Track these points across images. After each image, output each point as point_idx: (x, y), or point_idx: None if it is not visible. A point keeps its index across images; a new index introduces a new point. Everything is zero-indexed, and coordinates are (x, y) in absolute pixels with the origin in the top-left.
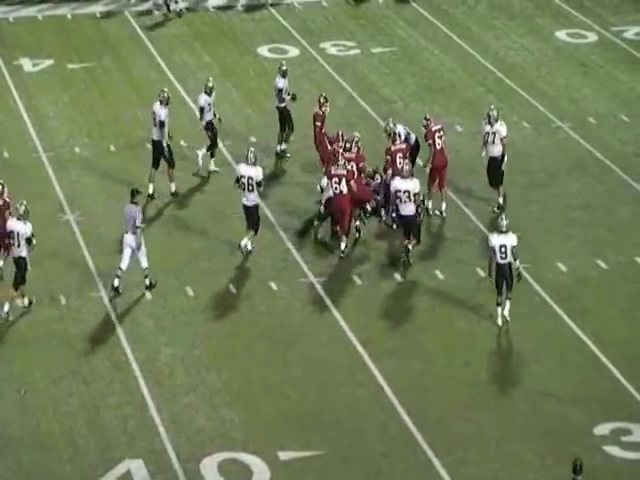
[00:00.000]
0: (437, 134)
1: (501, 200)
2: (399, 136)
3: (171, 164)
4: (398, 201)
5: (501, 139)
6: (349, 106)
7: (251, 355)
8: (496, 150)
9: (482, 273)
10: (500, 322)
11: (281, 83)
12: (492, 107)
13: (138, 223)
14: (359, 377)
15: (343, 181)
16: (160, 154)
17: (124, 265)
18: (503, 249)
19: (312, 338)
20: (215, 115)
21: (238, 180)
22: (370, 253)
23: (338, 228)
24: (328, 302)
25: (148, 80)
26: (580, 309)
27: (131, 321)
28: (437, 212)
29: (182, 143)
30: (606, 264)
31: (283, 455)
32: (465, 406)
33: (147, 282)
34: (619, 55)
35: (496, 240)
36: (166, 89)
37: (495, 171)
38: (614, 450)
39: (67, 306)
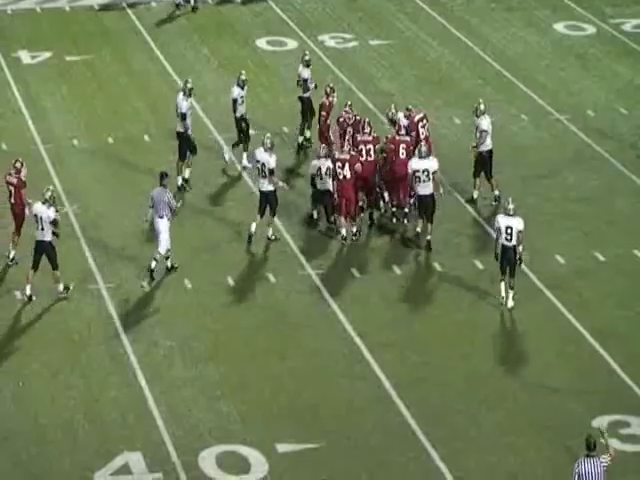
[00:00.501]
0: (420, 123)
1: (497, 192)
2: (401, 124)
3: (183, 156)
4: (417, 181)
5: (481, 132)
6: (347, 98)
7: (249, 348)
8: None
9: (481, 265)
10: (510, 304)
11: (306, 73)
12: (480, 100)
13: (173, 206)
14: (357, 369)
15: (347, 166)
16: (185, 145)
17: (162, 249)
18: (509, 230)
19: (310, 330)
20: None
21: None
22: (368, 245)
23: (336, 216)
24: (326, 294)
25: (147, 73)
26: (578, 301)
27: (129, 314)
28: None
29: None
30: (604, 256)
31: (281, 448)
32: (464, 398)
33: (169, 264)
34: (617, 48)
35: (502, 221)
36: (190, 80)
37: (483, 164)
38: (613, 443)
39: (65, 298)
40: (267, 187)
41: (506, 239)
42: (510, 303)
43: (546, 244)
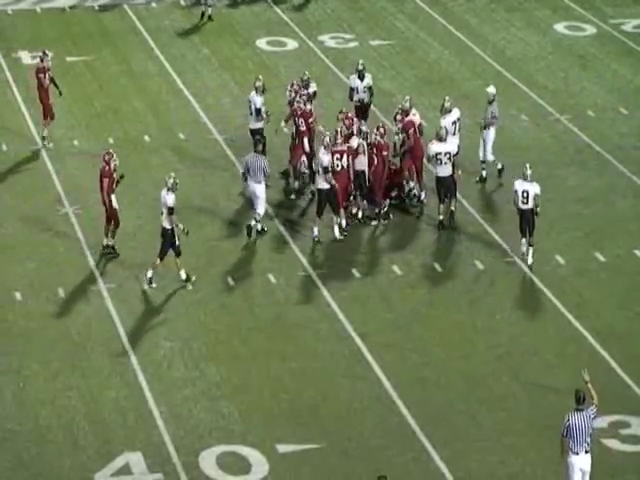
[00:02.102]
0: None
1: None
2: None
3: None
4: (437, 163)
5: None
6: (347, 99)
7: (250, 348)
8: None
9: (480, 266)
10: (530, 261)
11: (360, 82)
12: (446, 98)
13: (267, 172)
14: (358, 370)
15: (344, 157)
16: (260, 141)
17: (261, 210)
18: (525, 194)
19: (311, 331)
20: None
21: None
22: (369, 246)
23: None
24: (326, 295)
25: (147, 73)
26: (578, 302)
27: (130, 314)
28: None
29: (181, 136)
30: (604, 257)
31: (282, 448)
32: (464, 399)
33: (259, 227)
34: (617, 48)
35: (519, 186)
36: (261, 77)
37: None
38: (613, 443)
39: (65, 299)
40: (321, 185)
41: (522, 202)
42: (530, 260)
43: (546, 244)
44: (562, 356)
